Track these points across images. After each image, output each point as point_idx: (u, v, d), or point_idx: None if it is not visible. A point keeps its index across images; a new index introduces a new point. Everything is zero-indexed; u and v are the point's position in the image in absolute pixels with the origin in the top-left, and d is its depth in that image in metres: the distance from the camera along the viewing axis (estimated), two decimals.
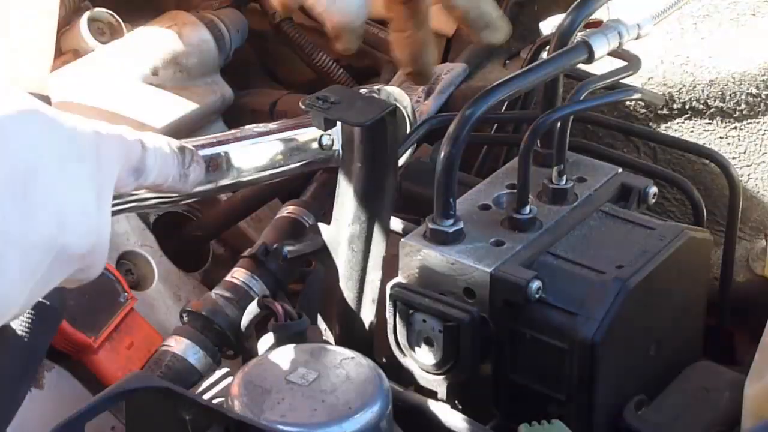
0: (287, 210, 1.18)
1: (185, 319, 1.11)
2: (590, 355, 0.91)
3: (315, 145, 1.04)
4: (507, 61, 1.39)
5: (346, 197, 1.00)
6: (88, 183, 0.76)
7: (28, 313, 0.94)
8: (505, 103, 1.19)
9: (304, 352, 0.89)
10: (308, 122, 1.03)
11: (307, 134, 1.04)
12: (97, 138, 0.78)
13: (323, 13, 1.03)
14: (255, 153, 1.01)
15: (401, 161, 1.12)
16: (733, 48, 1.24)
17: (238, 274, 1.14)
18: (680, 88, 1.24)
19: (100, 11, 1.42)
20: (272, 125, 1.03)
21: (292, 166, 1.04)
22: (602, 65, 1.07)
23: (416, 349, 0.96)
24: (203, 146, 0.96)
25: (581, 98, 1.02)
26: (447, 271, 0.95)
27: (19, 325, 0.95)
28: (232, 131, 1.01)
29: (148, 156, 0.84)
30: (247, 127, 1.02)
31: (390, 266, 1.00)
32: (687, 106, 1.24)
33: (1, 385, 0.94)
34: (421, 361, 0.97)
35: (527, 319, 0.93)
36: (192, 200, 1.01)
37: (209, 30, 1.41)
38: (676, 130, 1.25)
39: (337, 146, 1.04)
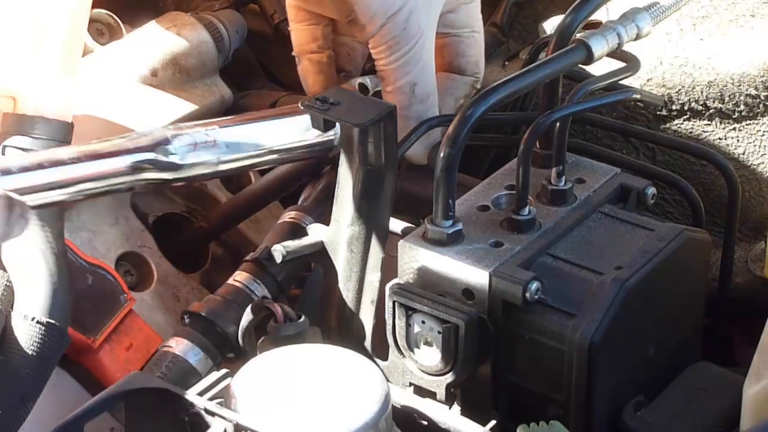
0: (289, 215, 1.18)
1: (186, 320, 1.11)
2: (589, 356, 0.91)
3: (308, 124, 1.03)
4: (506, 62, 1.39)
5: (345, 198, 1.00)
6: None
7: (39, 332, 0.95)
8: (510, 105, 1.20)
9: (303, 352, 0.89)
10: (294, 110, 1.03)
11: (299, 116, 1.04)
12: None
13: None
14: (245, 136, 1.02)
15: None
16: (732, 49, 1.24)
17: (240, 278, 1.14)
18: (679, 89, 1.24)
19: (100, 12, 1.42)
20: (263, 111, 1.05)
21: (289, 148, 1.04)
22: (601, 66, 1.07)
23: (415, 350, 0.96)
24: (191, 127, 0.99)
25: (580, 99, 1.02)
26: (446, 272, 0.95)
27: (30, 345, 0.95)
28: (221, 118, 1.02)
29: None
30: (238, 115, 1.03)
31: (389, 267, 1.00)
32: (686, 107, 1.24)
33: (7, 402, 0.94)
34: (420, 362, 0.97)
35: (526, 320, 0.93)
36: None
37: (208, 31, 1.41)
38: (675, 131, 1.25)
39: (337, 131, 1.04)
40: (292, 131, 1.04)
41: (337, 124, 0.99)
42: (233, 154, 1.01)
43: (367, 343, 1.03)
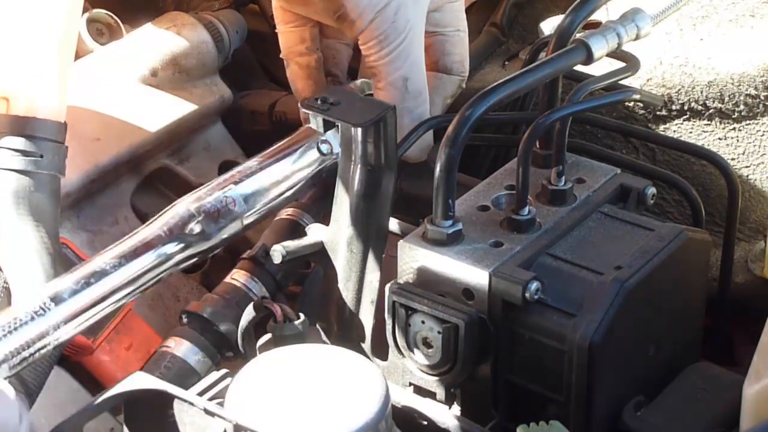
0: (287, 212, 1.18)
1: (185, 320, 1.11)
2: (589, 356, 0.91)
3: (315, 155, 1.05)
4: (506, 62, 1.39)
5: (344, 198, 1.00)
6: None
7: None
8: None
9: (303, 352, 0.89)
10: (296, 140, 1.04)
11: (303, 148, 1.05)
12: None
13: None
14: (260, 186, 1.03)
15: None
16: (732, 49, 1.24)
17: (237, 276, 1.13)
18: (679, 89, 1.24)
19: (99, 12, 1.42)
20: (267, 152, 1.06)
21: (301, 183, 1.06)
22: (601, 66, 1.07)
23: (415, 350, 0.96)
24: (209, 194, 1.00)
25: (580, 99, 1.02)
26: (446, 272, 0.95)
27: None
28: (231, 173, 1.03)
29: None
30: (245, 164, 1.04)
31: (389, 267, 1.00)
32: (686, 107, 1.24)
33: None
34: (419, 362, 0.97)
35: (526, 320, 0.93)
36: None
37: (208, 31, 1.41)
38: (674, 131, 1.25)
39: (337, 149, 1.05)
40: (300, 165, 1.06)
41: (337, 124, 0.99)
42: (252, 208, 1.02)
43: (367, 343, 1.03)
